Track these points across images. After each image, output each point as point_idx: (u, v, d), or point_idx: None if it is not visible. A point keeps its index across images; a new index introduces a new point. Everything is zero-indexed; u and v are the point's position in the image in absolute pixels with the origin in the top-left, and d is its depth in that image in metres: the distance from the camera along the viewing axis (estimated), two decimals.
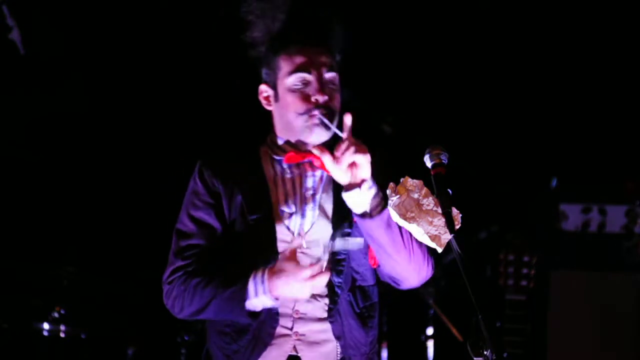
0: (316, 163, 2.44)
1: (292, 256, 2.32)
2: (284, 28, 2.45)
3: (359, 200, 2.33)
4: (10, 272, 4.83)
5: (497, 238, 5.12)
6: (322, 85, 2.41)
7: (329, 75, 2.43)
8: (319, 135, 2.43)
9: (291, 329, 2.42)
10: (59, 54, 4.90)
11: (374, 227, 2.34)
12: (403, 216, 2.21)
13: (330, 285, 2.42)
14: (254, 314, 2.36)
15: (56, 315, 4.47)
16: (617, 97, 5.10)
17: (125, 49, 5.02)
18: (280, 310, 2.41)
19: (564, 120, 5.16)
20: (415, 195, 2.23)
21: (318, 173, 2.50)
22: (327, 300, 2.44)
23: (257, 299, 2.33)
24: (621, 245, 5.19)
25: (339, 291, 2.44)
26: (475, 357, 1.98)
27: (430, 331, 4.97)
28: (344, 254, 2.44)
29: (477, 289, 2.13)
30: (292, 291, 2.31)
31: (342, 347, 2.44)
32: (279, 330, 2.42)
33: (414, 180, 2.25)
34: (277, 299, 2.33)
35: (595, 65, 5.04)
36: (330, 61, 2.45)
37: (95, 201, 5.13)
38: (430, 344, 4.98)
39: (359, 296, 2.48)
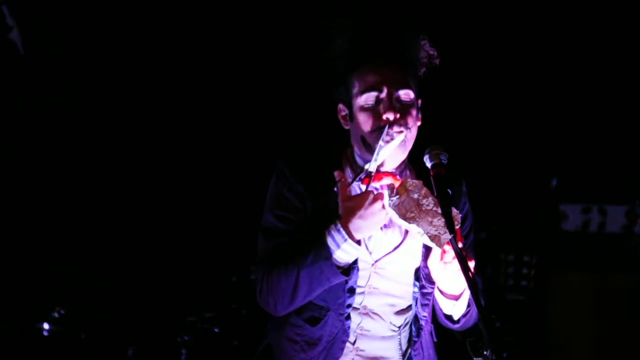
0: (396, 184, 2.34)
1: (346, 194, 2.27)
2: (357, 47, 2.40)
3: (453, 308, 2.36)
4: (10, 272, 4.83)
5: (497, 238, 5.12)
6: (393, 103, 2.36)
7: (401, 91, 2.37)
8: (392, 154, 2.36)
9: (353, 343, 2.43)
10: (59, 54, 4.90)
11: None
12: (403, 216, 2.21)
13: (415, 318, 2.44)
14: (347, 271, 2.31)
15: (56, 315, 4.47)
16: (617, 97, 5.10)
17: (127, 50, 5.02)
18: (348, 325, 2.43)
19: (564, 121, 5.17)
20: (415, 195, 2.23)
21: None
22: (394, 319, 2.44)
23: (341, 251, 2.26)
24: (621, 245, 5.19)
25: (422, 323, 2.45)
26: (475, 357, 1.98)
27: None
28: (432, 288, 2.41)
29: (478, 289, 2.12)
30: (370, 223, 2.25)
31: None
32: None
33: (414, 181, 2.25)
34: (359, 242, 2.27)
35: (596, 66, 5.04)
36: (404, 77, 2.39)
37: (96, 201, 5.13)
38: None
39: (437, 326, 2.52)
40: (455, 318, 2.40)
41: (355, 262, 2.35)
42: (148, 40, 5.00)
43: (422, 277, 2.42)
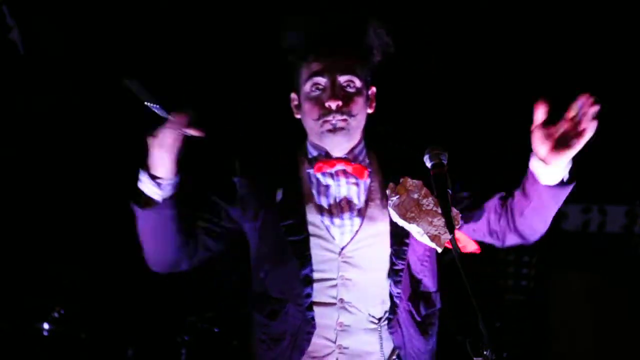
0: (348, 169, 2.41)
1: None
2: (304, 37, 2.44)
3: (558, 171, 2.37)
4: (10, 272, 4.83)
5: None
6: (336, 91, 2.38)
7: (344, 78, 2.40)
8: (334, 142, 2.41)
9: (334, 341, 2.42)
10: (59, 54, 4.90)
11: (562, 195, 2.35)
12: (403, 216, 2.21)
13: (389, 295, 2.44)
14: (148, 202, 2.42)
15: (56, 315, 4.47)
16: (617, 98, 5.10)
17: (127, 50, 5.02)
18: (323, 322, 2.41)
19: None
20: (415, 195, 2.23)
21: (353, 180, 2.46)
22: (373, 311, 2.44)
23: (141, 183, 2.43)
24: (621, 245, 5.19)
25: (397, 301, 2.44)
26: (475, 357, 1.98)
27: None
28: (402, 264, 2.43)
29: (477, 289, 2.13)
30: (155, 148, 2.46)
31: (403, 356, 2.45)
32: (323, 342, 2.42)
33: (414, 180, 2.26)
34: (154, 177, 2.42)
35: (595, 65, 5.04)
36: (348, 65, 2.41)
37: (96, 201, 5.13)
38: None
39: (421, 304, 2.48)
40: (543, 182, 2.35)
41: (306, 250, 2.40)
42: (148, 40, 5.00)
43: (392, 255, 2.42)
